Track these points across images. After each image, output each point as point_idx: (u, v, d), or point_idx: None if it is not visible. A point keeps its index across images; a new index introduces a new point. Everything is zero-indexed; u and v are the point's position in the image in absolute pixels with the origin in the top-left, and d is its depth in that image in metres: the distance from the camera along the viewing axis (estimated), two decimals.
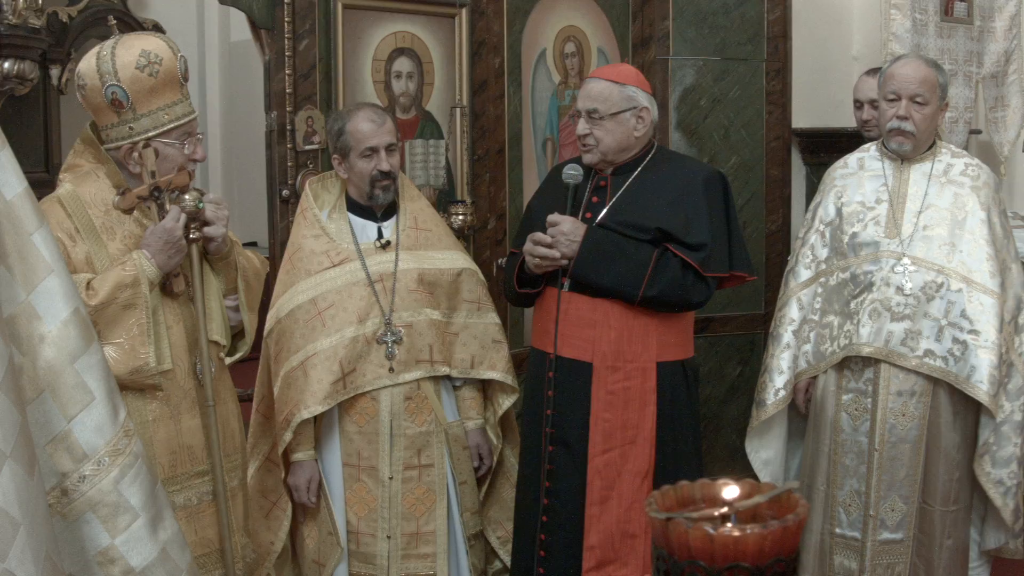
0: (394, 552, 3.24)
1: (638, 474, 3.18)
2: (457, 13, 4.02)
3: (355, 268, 3.23)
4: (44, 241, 1.68)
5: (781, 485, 1.27)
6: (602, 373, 3.16)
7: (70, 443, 1.73)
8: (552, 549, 3.22)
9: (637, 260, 3.11)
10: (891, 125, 3.41)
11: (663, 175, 3.25)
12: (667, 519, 1.16)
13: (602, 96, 3.18)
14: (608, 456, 3.16)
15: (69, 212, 2.72)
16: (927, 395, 3.35)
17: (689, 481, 1.28)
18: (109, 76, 2.71)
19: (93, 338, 1.75)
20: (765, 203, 4.80)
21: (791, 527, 1.17)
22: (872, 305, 3.36)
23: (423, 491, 3.27)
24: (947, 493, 3.38)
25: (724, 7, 4.70)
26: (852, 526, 3.45)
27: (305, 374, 3.15)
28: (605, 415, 3.16)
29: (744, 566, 1.13)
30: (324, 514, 3.25)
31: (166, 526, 1.85)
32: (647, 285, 3.10)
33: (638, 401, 3.17)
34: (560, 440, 3.20)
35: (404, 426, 3.24)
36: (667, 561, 1.17)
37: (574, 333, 3.18)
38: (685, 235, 3.13)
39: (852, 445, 3.43)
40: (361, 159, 3.21)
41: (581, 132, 3.21)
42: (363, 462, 3.23)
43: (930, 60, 3.56)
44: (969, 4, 5.38)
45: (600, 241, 3.13)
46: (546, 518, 3.22)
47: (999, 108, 5.58)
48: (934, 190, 3.42)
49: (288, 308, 3.21)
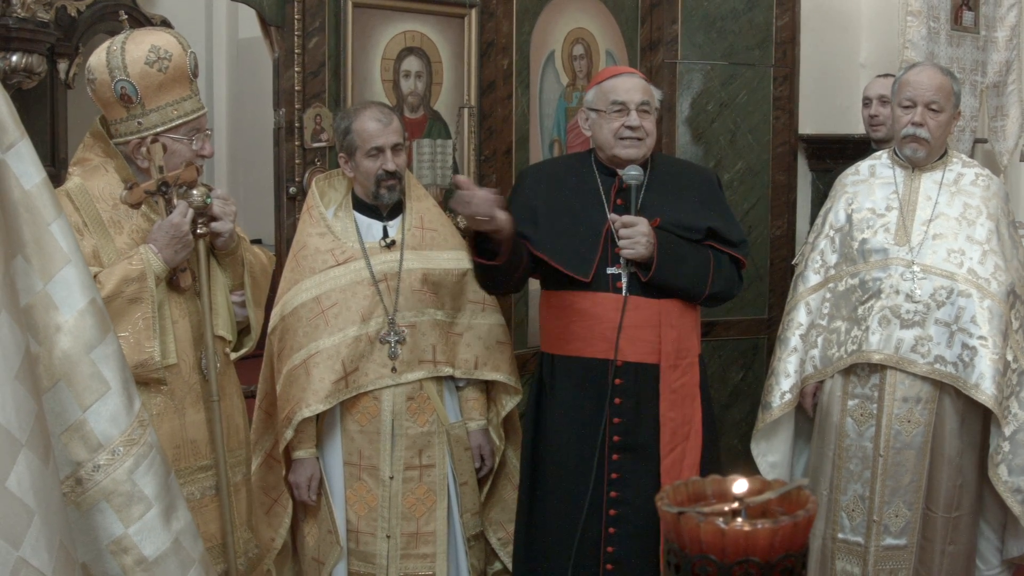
0: (393, 552, 3.24)
1: (693, 469, 3.17)
2: (466, 13, 4.04)
3: (359, 267, 3.22)
4: (62, 231, 1.69)
5: (793, 482, 1.29)
6: (667, 372, 3.15)
7: (85, 432, 1.74)
8: (623, 559, 3.14)
9: (699, 259, 3.17)
10: (906, 132, 3.42)
11: (677, 176, 3.29)
12: (679, 513, 1.18)
13: (648, 91, 3.20)
14: (674, 455, 3.15)
15: (77, 206, 2.73)
16: (933, 402, 3.36)
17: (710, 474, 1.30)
18: (119, 71, 2.72)
19: (109, 328, 1.76)
20: (770, 208, 4.81)
21: (801, 523, 1.18)
22: (881, 312, 3.37)
23: (424, 491, 3.27)
24: (950, 499, 3.38)
25: (733, 12, 4.71)
26: (855, 531, 3.45)
27: (307, 372, 3.15)
28: (671, 414, 3.14)
29: (755, 560, 1.14)
30: (324, 512, 3.25)
31: (179, 516, 1.86)
32: (712, 283, 3.17)
33: (691, 396, 3.19)
34: (627, 447, 3.14)
35: (406, 426, 3.24)
36: (678, 555, 1.18)
37: (638, 336, 3.13)
38: (728, 232, 3.22)
39: (857, 450, 3.44)
40: (367, 158, 3.20)
41: (635, 123, 3.13)
42: (364, 461, 3.24)
43: (945, 68, 3.57)
44: (976, 13, 5.40)
45: (669, 242, 3.13)
46: (613, 529, 3.14)
47: (999, 118, 5.60)
48: (944, 199, 3.43)
49: (292, 306, 3.21)
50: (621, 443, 3.14)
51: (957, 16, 5.31)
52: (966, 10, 5.35)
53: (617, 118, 3.14)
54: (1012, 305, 3.35)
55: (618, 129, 3.14)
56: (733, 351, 4.79)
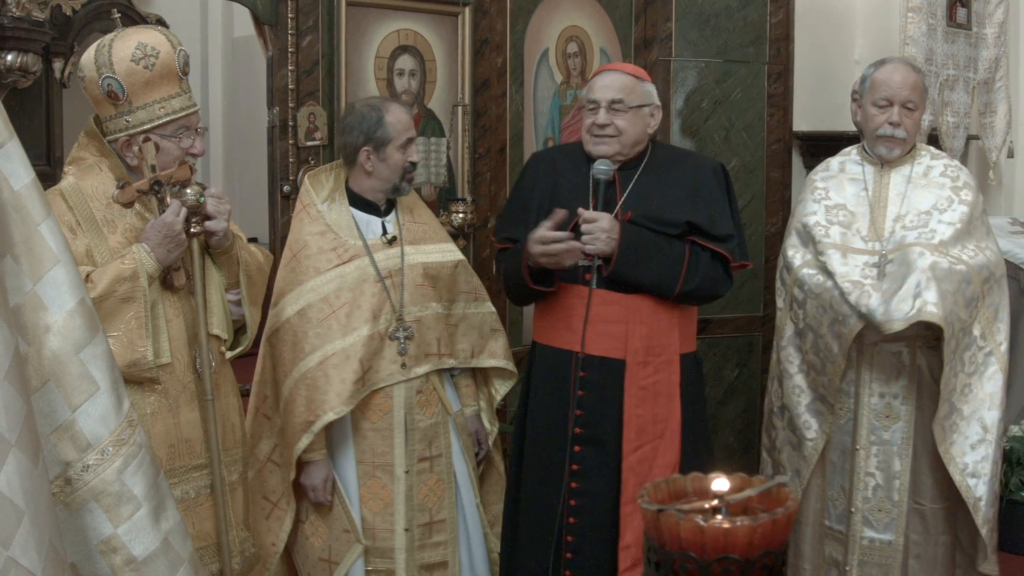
0: (411, 544, 3.27)
1: (668, 467, 3.16)
2: (460, 11, 4.04)
3: (364, 264, 3.21)
4: (51, 232, 1.69)
5: (773, 480, 1.29)
6: (634, 369, 3.14)
7: (74, 432, 1.74)
8: (581, 550, 3.18)
9: (672, 255, 3.12)
10: (883, 132, 3.42)
11: (672, 169, 3.26)
12: (659, 511, 1.18)
13: (626, 88, 3.18)
14: (641, 452, 3.14)
15: (71, 205, 2.73)
16: (911, 397, 3.37)
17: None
18: (105, 68, 2.71)
19: (98, 328, 1.77)
20: (765, 205, 4.82)
21: (780, 520, 1.19)
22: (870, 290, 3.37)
23: (435, 481, 3.31)
24: (938, 490, 3.40)
25: (727, 9, 4.72)
26: (839, 520, 3.49)
27: (326, 375, 3.12)
28: (638, 411, 3.14)
29: (733, 558, 1.15)
30: (338, 512, 3.23)
31: (168, 516, 1.86)
32: (684, 280, 3.12)
33: (666, 394, 3.17)
34: (589, 439, 3.17)
35: (417, 419, 3.26)
36: (658, 552, 1.19)
37: (604, 330, 3.15)
38: (712, 227, 3.15)
39: (838, 443, 3.46)
40: (398, 150, 3.20)
41: (603, 122, 3.16)
42: (377, 458, 3.24)
43: (913, 64, 3.57)
44: (968, 10, 5.41)
45: (636, 237, 3.10)
46: (573, 520, 3.18)
47: (988, 114, 5.61)
48: (914, 192, 3.44)
49: (297, 307, 3.17)
50: (583, 435, 3.18)
51: (952, 12, 5.32)
52: (960, 6, 5.36)
53: (590, 115, 3.21)
54: (985, 280, 3.34)
55: (590, 126, 3.21)
56: (728, 348, 4.80)
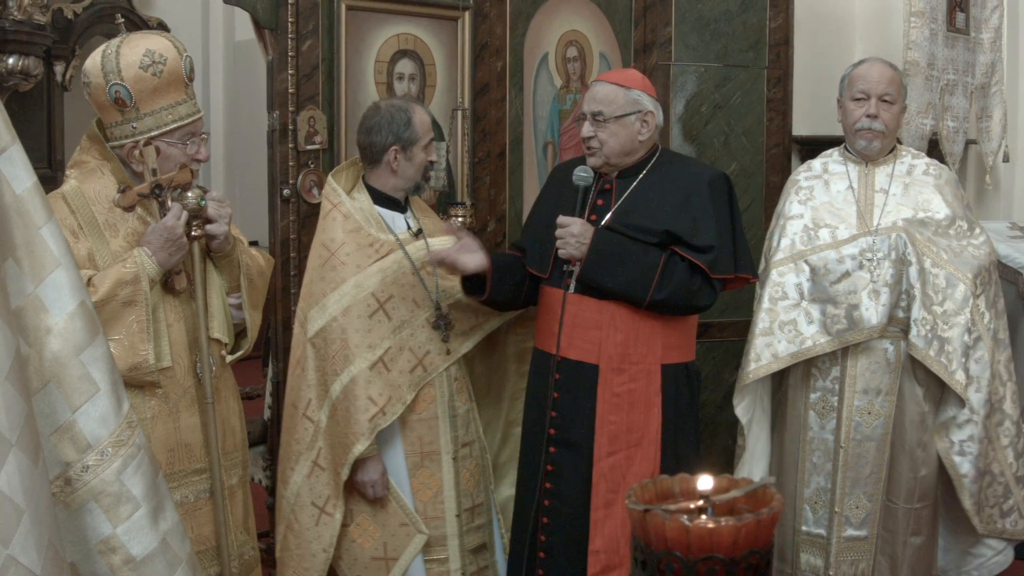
0: (461, 529, 3.32)
1: (644, 476, 3.14)
2: (460, 16, 4.06)
3: (400, 258, 3.25)
4: (52, 235, 1.71)
5: (759, 480, 1.31)
6: (608, 375, 3.15)
7: (74, 433, 1.76)
8: (553, 551, 3.21)
9: (645, 263, 3.09)
10: (860, 124, 3.47)
11: (668, 177, 3.24)
12: (645, 511, 1.20)
13: (607, 99, 3.18)
14: (614, 459, 3.14)
15: (73, 208, 2.75)
16: (892, 393, 3.39)
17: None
18: (113, 75, 2.73)
19: (99, 330, 1.79)
20: (764, 210, 4.82)
21: (765, 520, 1.21)
22: (866, 287, 3.40)
23: (474, 465, 3.39)
24: (911, 491, 3.42)
25: (726, 14, 4.72)
26: (818, 523, 3.50)
27: (386, 368, 3.18)
28: (611, 418, 3.15)
29: (719, 557, 1.17)
30: (392, 508, 3.25)
31: (167, 517, 1.88)
32: (655, 289, 3.08)
33: (643, 404, 3.16)
34: (563, 442, 3.19)
35: (456, 406, 3.34)
36: (644, 552, 1.21)
37: (579, 335, 3.17)
38: (692, 237, 3.11)
39: (819, 443, 3.48)
40: (423, 149, 3.29)
41: (586, 135, 3.20)
42: (425, 447, 3.28)
43: (891, 62, 3.61)
44: (967, 15, 5.42)
45: (608, 244, 3.11)
46: (547, 519, 3.21)
47: (984, 118, 5.62)
48: (899, 190, 3.49)
49: (342, 305, 3.18)
50: (557, 438, 3.21)
51: (951, 18, 5.34)
52: (959, 11, 5.38)
53: (582, 127, 3.26)
54: (977, 274, 3.38)
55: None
56: (727, 352, 4.80)
